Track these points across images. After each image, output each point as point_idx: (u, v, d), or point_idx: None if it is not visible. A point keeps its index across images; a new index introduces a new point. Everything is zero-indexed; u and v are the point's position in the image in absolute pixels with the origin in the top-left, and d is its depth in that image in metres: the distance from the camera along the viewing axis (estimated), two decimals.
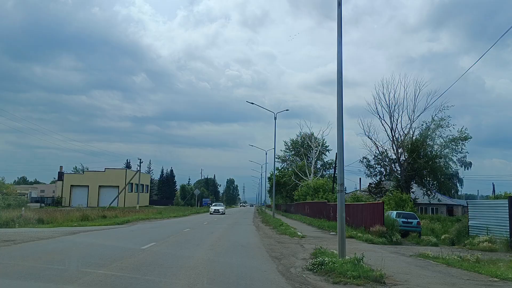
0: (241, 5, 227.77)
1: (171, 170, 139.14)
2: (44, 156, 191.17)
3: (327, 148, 76.06)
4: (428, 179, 52.85)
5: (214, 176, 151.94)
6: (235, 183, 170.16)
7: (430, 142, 49.37)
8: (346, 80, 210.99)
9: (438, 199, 56.41)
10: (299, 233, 20.84)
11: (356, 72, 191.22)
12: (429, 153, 50.58)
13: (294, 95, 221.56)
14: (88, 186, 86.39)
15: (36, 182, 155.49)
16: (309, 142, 57.46)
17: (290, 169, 68.96)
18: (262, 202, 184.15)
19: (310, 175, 56.72)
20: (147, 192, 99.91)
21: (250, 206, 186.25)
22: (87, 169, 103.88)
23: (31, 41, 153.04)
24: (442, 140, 48.59)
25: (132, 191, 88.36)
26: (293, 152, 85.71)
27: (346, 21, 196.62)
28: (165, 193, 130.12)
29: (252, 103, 45.32)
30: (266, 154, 68.13)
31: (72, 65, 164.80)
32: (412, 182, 51.40)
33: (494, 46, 46.85)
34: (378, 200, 35.91)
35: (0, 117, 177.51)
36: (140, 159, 71.72)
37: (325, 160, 75.41)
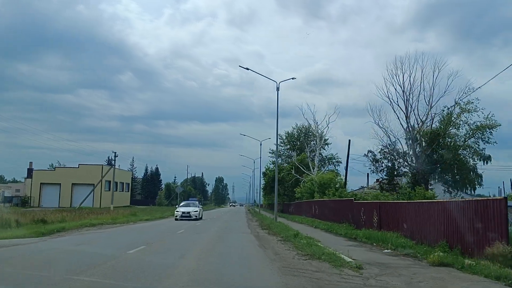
0: (229, 3, 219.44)
1: (156, 168, 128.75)
2: (31, 156, 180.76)
3: (326, 142, 66.67)
4: (449, 173, 43.80)
5: (202, 175, 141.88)
6: (224, 182, 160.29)
7: (453, 129, 40.10)
8: (335, 79, 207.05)
9: (462, 197, 47.05)
10: (345, 258, 10.99)
11: (345, 72, 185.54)
12: (450, 142, 41.63)
13: (282, 95, 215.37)
14: (60, 184, 75.63)
15: (14, 181, 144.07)
16: (313, 128, 47.77)
17: (286, 164, 59.29)
18: (253, 202, 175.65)
19: (313, 168, 47.05)
20: (128, 191, 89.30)
21: (240, 205, 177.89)
22: (64, 165, 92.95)
23: (17, 39, 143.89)
24: (468, 128, 39.51)
25: (110, 189, 77.89)
26: (288, 146, 76.53)
27: (334, 19, 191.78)
28: (150, 193, 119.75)
29: (248, 69, 34.93)
30: (261, 145, 60.57)
31: (58, 63, 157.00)
32: (431, 177, 42.44)
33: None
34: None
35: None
36: (115, 153, 61.54)
37: (324, 154, 65.84)
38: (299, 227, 26.04)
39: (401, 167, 51.13)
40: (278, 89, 33.60)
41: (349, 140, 41.88)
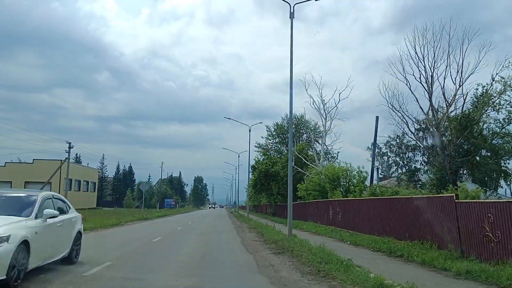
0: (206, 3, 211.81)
1: (130, 167, 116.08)
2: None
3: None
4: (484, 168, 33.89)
5: (180, 174, 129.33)
6: (204, 182, 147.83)
7: (492, 111, 30.06)
8: (312, 81, 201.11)
9: (499, 196, 36.93)
10: None
11: (322, 73, 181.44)
12: (485, 130, 31.89)
13: (262, 96, 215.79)
14: (10, 182, 62.17)
15: None
16: (318, 107, 36.52)
17: (281, 155, 48.31)
18: (233, 203, 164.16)
19: (319, 160, 36.18)
20: (94, 191, 76.47)
21: (221, 207, 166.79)
22: (19, 160, 79.73)
23: None
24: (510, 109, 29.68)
25: (71, 189, 65.32)
26: (277, 140, 65.85)
27: (311, 21, 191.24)
28: (122, 193, 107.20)
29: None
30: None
31: (32, 62, 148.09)
32: (462, 172, 32.62)
33: None
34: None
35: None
36: (70, 143, 49.18)
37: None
38: (323, 240, 14.80)
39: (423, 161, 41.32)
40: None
41: (377, 117, 31.21)
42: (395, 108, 29.53)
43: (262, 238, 19.04)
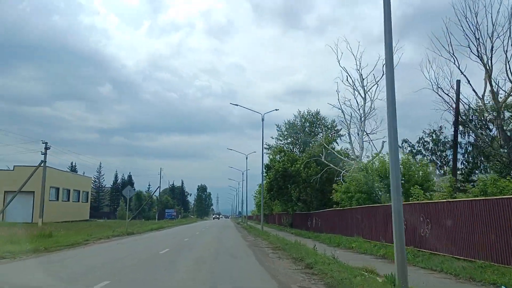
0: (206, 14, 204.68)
1: (129, 176, 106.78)
2: None
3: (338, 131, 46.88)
4: None
5: (182, 183, 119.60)
6: (208, 191, 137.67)
7: None
8: (311, 89, 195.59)
9: None
10: None
11: (321, 81, 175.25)
12: None
13: (262, 105, 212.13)
14: None
15: None
16: (352, 84, 27.36)
17: (299, 153, 39.23)
18: (238, 213, 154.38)
19: (361, 151, 27.06)
20: (86, 201, 67.12)
21: (226, 217, 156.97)
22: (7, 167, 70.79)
23: None
24: None
25: (58, 198, 56.33)
26: (289, 140, 57.01)
27: (311, 31, 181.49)
28: (118, 204, 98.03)
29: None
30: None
31: (32, 75, 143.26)
32: None
33: None
34: None
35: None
36: (46, 143, 40.33)
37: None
38: None
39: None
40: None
41: (458, 81, 22.07)
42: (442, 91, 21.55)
43: (312, 272, 9.84)
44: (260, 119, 33.29)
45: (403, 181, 20.92)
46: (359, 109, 27.55)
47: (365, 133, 27.01)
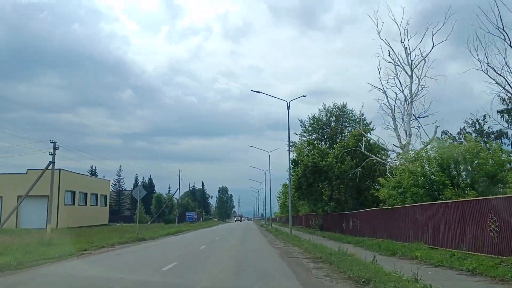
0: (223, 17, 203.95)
1: (150, 179, 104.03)
2: None
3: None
4: None
5: (203, 185, 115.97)
6: (229, 193, 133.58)
7: None
8: (331, 90, 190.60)
9: None
10: None
11: (341, 81, 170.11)
12: None
13: (281, 107, 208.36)
14: (1, 197, 50.95)
15: None
16: (403, 64, 22.77)
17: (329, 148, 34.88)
18: (260, 215, 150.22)
19: (407, 136, 22.55)
20: (105, 205, 64.16)
21: (248, 220, 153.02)
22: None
23: (13, 59, 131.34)
24: None
25: (74, 203, 53.39)
26: (314, 136, 52.70)
27: (329, 30, 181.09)
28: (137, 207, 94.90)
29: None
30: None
31: (56, 83, 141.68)
32: None
33: None
34: None
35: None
36: (55, 142, 37.08)
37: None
38: None
39: None
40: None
41: None
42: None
43: None
44: (279, 118, 29.26)
45: (469, 171, 16.49)
46: (402, 90, 23.07)
47: (412, 117, 22.48)
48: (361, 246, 18.91)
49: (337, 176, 27.72)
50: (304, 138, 55.32)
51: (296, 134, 55.35)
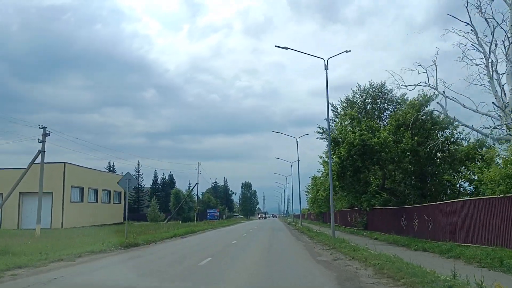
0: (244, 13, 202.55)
1: (170, 175, 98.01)
2: None
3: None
4: None
5: (225, 180, 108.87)
6: (253, 189, 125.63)
7: None
8: (354, 83, 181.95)
9: None
10: None
11: (365, 76, 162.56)
12: None
13: (304, 103, 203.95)
14: (1, 194, 45.32)
15: None
16: None
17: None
18: (285, 212, 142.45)
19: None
20: (119, 202, 58.16)
21: (273, 217, 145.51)
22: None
23: (39, 62, 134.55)
24: None
25: (83, 200, 47.52)
26: (347, 122, 45.24)
27: (351, 23, 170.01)
28: (162, 205, 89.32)
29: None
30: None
31: (81, 84, 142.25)
32: None
33: None
34: None
35: (15, 139, 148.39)
36: (44, 128, 30.87)
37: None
38: None
39: None
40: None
41: None
42: None
43: None
44: (302, 115, 21.84)
45: None
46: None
47: None
48: (458, 258, 11.58)
49: (392, 159, 20.18)
50: (335, 120, 48.12)
51: (325, 120, 48.35)
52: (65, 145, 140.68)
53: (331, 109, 47.98)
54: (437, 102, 19.18)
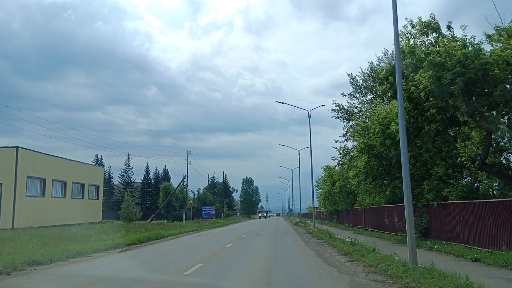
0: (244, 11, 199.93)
1: (165, 170, 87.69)
2: None
3: None
4: None
5: (225, 176, 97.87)
6: (255, 185, 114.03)
7: None
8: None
9: None
10: None
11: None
12: None
13: (306, 101, 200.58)
14: None
15: None
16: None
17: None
18: (289, 211, 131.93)
19: None
20: (96, 198, 47.74)
21: (277, 216, 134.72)
22: None
23: (40, 59, 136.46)
24: None
25: (45, 194, 37.20)
26: (368, 97, 36.51)
27: (352, 21, 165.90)
28: (152, 201, 79.18)
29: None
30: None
31: (83, 81, 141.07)
32: None
33: None
34: None
35: (18, 136, 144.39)
36: None
37: None
38: None
39: None
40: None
41: None
42: None
43: None
44: (302, 114, 12.43)
45: None
46: None
47: None
48: None
49: (426, 138, 9.72)
50: (354, 101, 38.33)
51: (344, 95, 38.55)
52: (70, 141, 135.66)
53: (349, 82, 38.08)
54: None
